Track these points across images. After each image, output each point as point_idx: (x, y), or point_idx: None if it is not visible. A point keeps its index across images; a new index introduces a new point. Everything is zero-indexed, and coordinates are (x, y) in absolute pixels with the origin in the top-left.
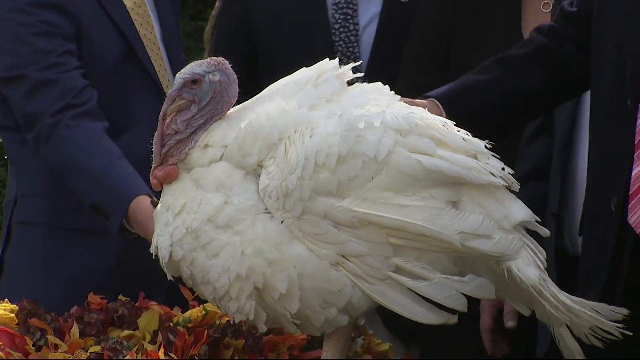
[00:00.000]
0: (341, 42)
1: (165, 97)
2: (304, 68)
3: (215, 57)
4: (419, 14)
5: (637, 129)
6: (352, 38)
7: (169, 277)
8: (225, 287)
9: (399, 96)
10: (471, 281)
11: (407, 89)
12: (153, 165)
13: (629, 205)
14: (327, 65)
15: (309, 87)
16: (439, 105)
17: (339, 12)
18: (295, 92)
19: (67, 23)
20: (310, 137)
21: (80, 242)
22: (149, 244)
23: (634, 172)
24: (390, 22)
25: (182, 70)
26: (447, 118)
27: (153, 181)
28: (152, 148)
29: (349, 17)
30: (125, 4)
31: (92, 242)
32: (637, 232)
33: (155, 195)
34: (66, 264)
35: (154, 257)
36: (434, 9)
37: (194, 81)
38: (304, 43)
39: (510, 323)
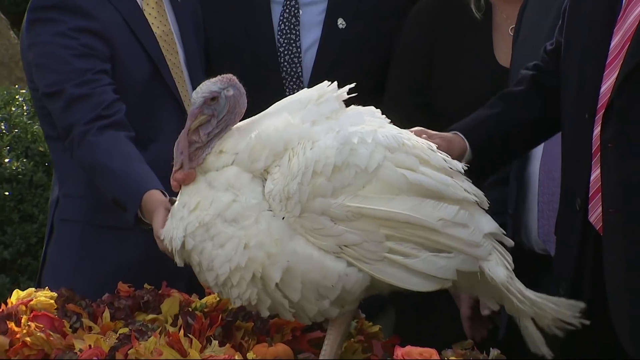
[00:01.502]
0: (285, 64)
1: (186, 114)
2: (306, 89)
3: (225, 75)
4: (402, 37)
5: (593, 140)
6: (296, 60)
7: (180, 263)
8: (226, 275)
9: (389, 119)
10: (457, 256)
11: (393, 109)
12: (174, 169)
13: (589, 206)
14: (327, 87)
15: (312, 105)
16: (463, 137)
17: (284, 37)
18: (299, 109)
19: (103, 46)
20: (311, 149)
21: (111, 238)
22: None
23: (592, 177)
24: (328, 46)
25: (199, 89)
26: (470, 148)
27: (173, 183)
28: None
29: (292, 41)
30: (155, 32)
31: (122, 238)
32: (597, 228)
33: (169, 194)
34: (100, 257)
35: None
36: (416, 33)
37: (213, 98)
38: (253, 66)
39: (485, 311)
